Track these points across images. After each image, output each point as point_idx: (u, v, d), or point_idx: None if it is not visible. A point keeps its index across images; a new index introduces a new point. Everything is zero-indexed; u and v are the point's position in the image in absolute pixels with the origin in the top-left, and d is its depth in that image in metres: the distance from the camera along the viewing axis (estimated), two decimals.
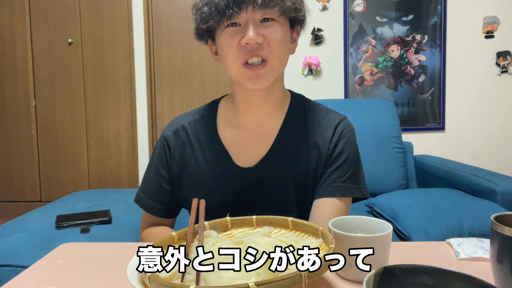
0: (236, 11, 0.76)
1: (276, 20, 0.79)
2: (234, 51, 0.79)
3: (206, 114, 0.94)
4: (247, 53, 0.78)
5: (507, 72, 2.99)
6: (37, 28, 3.18)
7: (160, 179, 0.93)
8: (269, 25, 0.78)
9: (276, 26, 0.79)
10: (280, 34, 0.79)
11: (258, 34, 0.77)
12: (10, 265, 1.25)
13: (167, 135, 0.93)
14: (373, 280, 0.46)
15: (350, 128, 0.91)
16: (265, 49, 0.78)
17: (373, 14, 3.01)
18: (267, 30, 0.78)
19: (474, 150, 3.06)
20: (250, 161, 0.88)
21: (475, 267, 0.66)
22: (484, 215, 1.42)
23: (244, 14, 0.76)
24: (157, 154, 0.94)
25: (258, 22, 0.78)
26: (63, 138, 3.24)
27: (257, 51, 0.78)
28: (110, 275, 0.66)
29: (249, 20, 0.77)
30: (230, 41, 0.79)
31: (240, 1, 0.75)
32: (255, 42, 0.77)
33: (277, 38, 0.79)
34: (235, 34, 0.78)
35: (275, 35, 0.79)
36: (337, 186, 0.86)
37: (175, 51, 3.16)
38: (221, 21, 0.78)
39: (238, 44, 0.78)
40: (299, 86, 3.06)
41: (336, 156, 0.87)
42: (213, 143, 0.90)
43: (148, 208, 0.94)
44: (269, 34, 0.78)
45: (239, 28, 0.78)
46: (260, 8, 0.76)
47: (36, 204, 3.18)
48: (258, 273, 0.51)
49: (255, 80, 0.80)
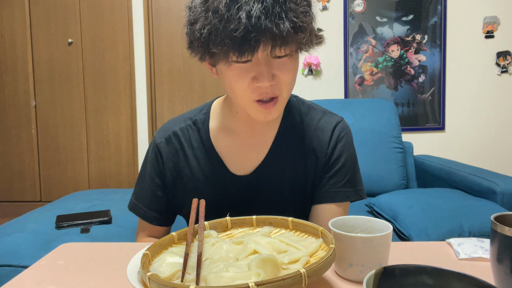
0: (252, 50, 0.65)
1: (289, 55, 0.71)
2: (244, 89, 0.72)
3: (199, 120, 0.89)
4: (259, 94, 0.72)
5: (507, 72, 2.99)
6: (37, 28, 3.18)
7: (154, 187, 0.89)
8: (283, 64, 0.71)
9: (290, 63, 0.72)
10: (293, 71, 0.73)
11: (272, 76, 0.70)
12: (10, 265, 1.25)
13: (159, 142, 0.89)
14: (373, 280, 0.46)
15: (347, 131, 0.89)
16: (277, 88, 0.72)
17: (373, 14, 3.01)
18: (281, 69, 0.71)
19: (474, 150, 3.06)
20: (246, 168, 0.86)
21: (475, 267, 0.66)
22: (484, 215, 1.42)
23: (259, 54, 0.67)
24: (150, 162, 0.90)
25: (271, 59, 0.70)
26: (63, 138, 3.24)
27: (269, 92, 0.72)
28: (110, 275, 0.66)
29: (262, 59, 0.69)
30: (240, 79, 0.71)
31: (257, 42, 0.64)
32: (269, 86, 0.71)
33: (291, 76, 0.73)
34: (246, 71, 0.70)
35: (288, 73, 0.72)
36: (335, 192, 0.85)
37: (175, 51, 3.16)
38: (229, 56, 0.68)
39: (249, 82, 0.71)
40: (299, 86, 3.06)
41: (334, 161, 0.86)
42: (207, 151, 0.87)
43: (145, 217, 0.91)
44: (282, 73, 0.71)
45: (249, 64, 0.70)
46: (278, 48, 0.67)
47: (36, 204, 3.18)
48: (258, 273, 0.51)
49: (267, 116, 0.75)
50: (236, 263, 0.56)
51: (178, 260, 0.58)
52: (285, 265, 0.56)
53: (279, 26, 0.64)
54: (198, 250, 0.59)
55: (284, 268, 0.56)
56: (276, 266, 0.54)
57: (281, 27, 0.64)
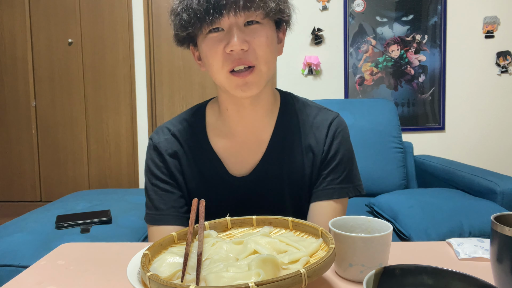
0: (217, 17, 0.72)
1: (260, 23, 0.75)
2: (218, 59, 0.75)
3: (195, 122, 0.89)
4: (232, 61, 0.74)
5: (507, 72, 2.99)
6: (37, 28, 3.18)
7: (167, 186, 0.86)
8: (254, 29, 0.75)
9: (261, 29, 0.75)
10: (265, 38, 0.75)
11: (243, 40, 0.73)
12: (10, 265, 1.25)
13: (158, 142, 0.88)
14: (373, 280, 0.46)
15: (343, 126, 0.89)
16: (251, 55, 0.74)
17: (373, 14, 3.01)
18: (252, 35, 0.74)
19: (474, 150, 3.06)
20: (244, 169, 0.86)
21: (475, 267, 0.66)
22: (484, 215, 1.41)
23: (226, 19, 0.72)
24: (153, 164, 0.88)
25: (242, 26, 0.74)
26: (63, 138, 3.24)
27: (242, 58, 0.74)
28: (110, 275, 0.66)
29: (232, 25, 0.73)
30: (214, 48, 0.75)
31: (220, 6, 0.71)
32: (240, 49, 0.73)
33: (263, 43, 0.75)
34: (219, 40, 0.74)
35: (260, 39, 0.75)
36: (333, 188, 0.85)
37: (175, 51, 3.16)
38: (202, 27, 0.74)
39: (223, 51, 0.74)
40: (299, 86, 3.06)
41: (331, 157, 0.86)
42: (206, 153, 0.87)
43: (168, 220, 0.84)
44: (254, 39, 0.74)
45: (222, 34, 0.74)
46: (243, 12, 0.72)
47: (36, 204, 3.18)
48: (258, 273, 0.51)
49: (244, 88, 0.76)
50: (236, 263, 0.56)
51: (178, 260, 0.58)
52: (285, 265, 0.56)
53: None
54: (198, 250, 0.59)
55: (284, 268, 0.56)
56: (276, 266, 0.54)
57: None
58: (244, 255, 0.59)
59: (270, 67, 0.78)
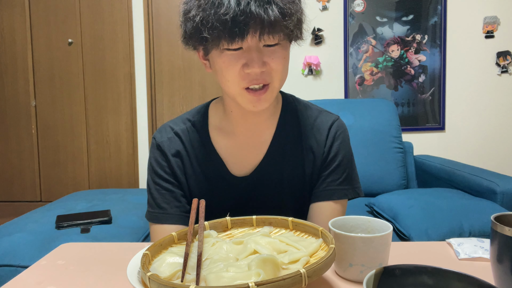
0: (239, 39, 0.69)
1: (279, 44, 0.74)
2: (235, 76, 0.74)
3: (197, 122, 0.90)
4: (250, 81, 0.74)
5: (507, 72, 2.99)
6: (37, 28, 3.18)
7: (169, 185, 0.87)
8: (273, 51, 0.74)
9: (279, 50, 0.74)
10: (283, 59, 0.75)
11: (263, 62, 0.73)
12: (10, 265, 1.25)
13: (161, 141, 0.88)
14: (373, 280, 0.46)
15: (343, 129, 0.90)
16: (268, 75, 0.74)
17: (373, 14, 3.01)
18: (271, 55, 0.74)
19: (474, 150, 3.06)
20: (245, 169, 0.87)
21: (475, 267, 0.66)
22: (484, 215, 1.42)
23: (249, 40, 0.70)
24: (156, 163, 0.88)
25: (261, 47, 0.73)
26: (63, 138, 3.24)
27: (260, 79, 0.74)
28: (110, 275, 0.66)
29: (252, 46, 0.72)
30: (231, 66, 0.73)
31: (243, 29, 0.68)
32: (259, 72, 0.73)
33: (281, 63, 0.75)
34: (237, 58, 0.73)
35: (278, 61, 0.74)
36: (332, 190, 0.86)
37: (175, 51, 3.16)
38: (220, 43, 0.71)
39: (240, 69, 0.73)
40: (299, 86, 3.06)
41: (331, 159, 0.87)
42: (208, 153, 0.87)
43: (170, 219, 0.85)
44: (273, 60, 0.74)
45: (240, 52, 0.73)
46: (267, 35, 0.70)
47: (36, 204, 3.18)
48: (258, 273, 0.51)
49: (256, 104, 0.76)
50: (236, 263, 0.56)
51: (178, 260, 0.58)
52: (285, 265, 0.56)
53: (267, 11, 0.68)
54: (198, 250, 0.59)
55: (284, 268, 0.56)
56: (276, 266, 0.54)
57: (269, 12, 0.68)
58: (244, 255, 0.59)
59: (282, 82, 0.79)
